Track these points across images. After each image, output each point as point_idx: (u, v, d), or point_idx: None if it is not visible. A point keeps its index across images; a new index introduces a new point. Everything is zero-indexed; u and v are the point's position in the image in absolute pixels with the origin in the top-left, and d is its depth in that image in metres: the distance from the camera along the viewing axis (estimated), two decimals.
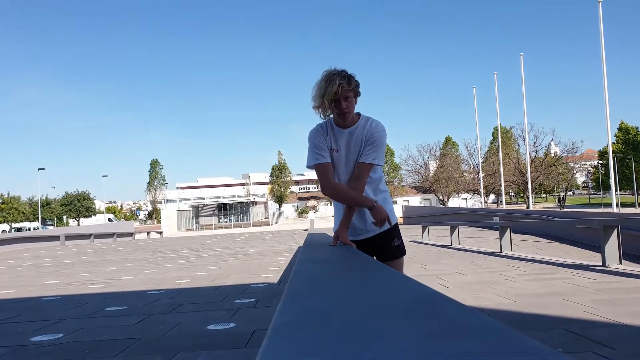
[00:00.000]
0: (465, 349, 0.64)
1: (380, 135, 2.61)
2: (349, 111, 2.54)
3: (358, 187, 2.61)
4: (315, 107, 2.58)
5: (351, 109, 2.55)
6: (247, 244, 16.51)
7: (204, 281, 7.05)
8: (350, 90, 2.50)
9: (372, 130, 2.61)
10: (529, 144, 41.38)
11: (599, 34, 22.37)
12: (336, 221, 2.86)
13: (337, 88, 2.44)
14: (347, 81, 2.47)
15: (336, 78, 2.46)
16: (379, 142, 2.61)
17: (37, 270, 10.53)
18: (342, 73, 2.50)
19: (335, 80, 2.45)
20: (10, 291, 7.05)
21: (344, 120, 2.59)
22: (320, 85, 2.51)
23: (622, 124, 71.48)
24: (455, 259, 8.51)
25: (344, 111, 2.52)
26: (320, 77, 2.54)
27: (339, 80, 2.45)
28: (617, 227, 6.61)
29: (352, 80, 2.51)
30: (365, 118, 2.68)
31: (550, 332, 3.24)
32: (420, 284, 1.20)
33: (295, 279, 1.52)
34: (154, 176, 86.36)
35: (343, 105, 2.50)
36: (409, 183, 69.02)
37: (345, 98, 2.50)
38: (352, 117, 2.62)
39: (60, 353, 3.36)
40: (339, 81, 2.45)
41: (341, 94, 2.47)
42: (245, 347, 3.27)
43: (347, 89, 2.48)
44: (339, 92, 2.46)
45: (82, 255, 14.84)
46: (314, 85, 2.57)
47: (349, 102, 2.52)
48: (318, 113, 2.62)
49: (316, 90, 2.54)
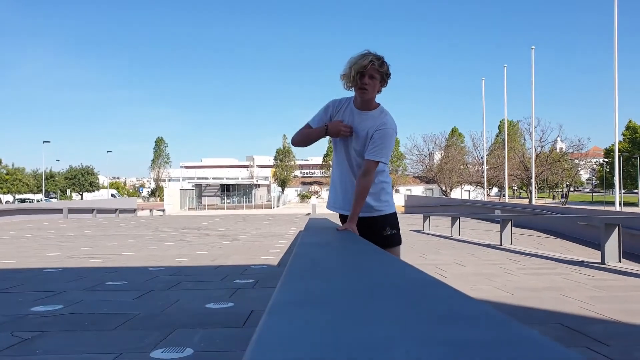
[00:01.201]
0: (463, 336, 0.64)
1: (387, 133, 2.64)
2: (369, 89, 2.60)
3: (367, 183, 2.64)
4: (342, 75, 2.65)
5: (372, 88, 2.60)
6: (248, 225, 16.56)
7: (205, 260, 7.10)
8: (378, 72, 2.57)
9: (381, 125, 2.65)
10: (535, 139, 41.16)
11: (613, 31, 22.07)
12: (331, 198, 2.97)
13: (367, 62, 2.53)
14: (380, 62, 2.56)
15: (370, 55, 2.57)
16: (385, 139, 2.63)
17: (39, 242, 10.61)
18: (378, 55, 2.59)
19: (368, 56, 2.55)
20: (12, 261, 7.12)
21: (361, 95, 2.64)
22: (353, 57, 2.60)
23: (630, 122, 70.92)
24: (455, 250, 8.52)
25: (364, 86, 2.58)
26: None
27: (372, 57, 2.55)
28: (619, 225, 6.61)
29: (384, 64, 2.59)
30: (382, 110, 2.73)
31: (546, 326, 3.26)
32: (419, 270, 1.20)
33: (295, 260, 1.52)
34: (159, 154, 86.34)
35: (366, 81, 2.57)
36: (412, 172, 68.78)
37: (370, 76, 2.57)
38: (371, 100, 2.69)
39: (59, 324, 3.40)
40: (372, 58, 2.54)
41: (368, 70, 2.55)
42: (242, 326, 3.31)
43: (376, 69, 2.56)
44: (368, 66, 2.54)
45: (84, 229, 14.94)
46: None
47: (373, 82, 2.59)
48: (343, 83, 2.69)
49: (348, 61, 2.62)
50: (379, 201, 2.79)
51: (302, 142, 2.86)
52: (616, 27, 21.97)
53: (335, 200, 2.92)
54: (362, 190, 2.63)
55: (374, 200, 2.77)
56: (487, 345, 0.60)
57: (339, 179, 2.88)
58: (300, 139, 2.86)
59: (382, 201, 2.80)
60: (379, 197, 2.79)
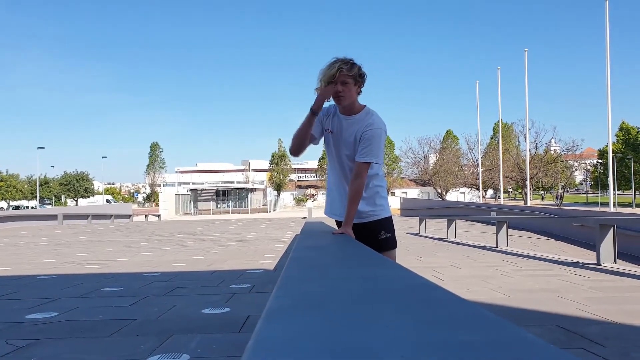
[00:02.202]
0: (459, 339, 0.64)
1: (374, 133, 2.59)
2: (344, 96, 2.55)
3: (359, 186, 2.61)
4: (316, 89, 2.60)
5: (347, 94, 2.55)
6: (244, 230, 16.53)
7: (201, 265, 7.08)
8: (349, 77, 2.51)
9: (367, 127, 2.60)
10: (529, 141, 41.33)
11: (605, 33, 22.21)
12: (327, 204, 2.95)
13: (335, 71, 2.47)
14: (348, 67, 2.50)
15: (337, 63, 2.50)
16: (373, 140, 2.58)
17: (34, 248, 10.55)
18: (345, 59, 2.53)
19: (335, 65, 2.49)
20: (7, 268, 7.07)
21: (339, 103, 2.61)
22: (322, 69, 2.55)
23: (623, 124, 71.35)
24: (451, 252, 8.53)
25: (338, 94, 2.54)
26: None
27: (339, 64, 2.48)
28: (613, 226, 6.63)
29: (354, 67, 2.53)
30: (367, 111, 2.68)
31: (542, 327, 3.27)
32: (415, 274, 1.20)
33: (292, 265, 1.52)
34: (154, 159, 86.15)
35: (338, 89, 2.52)
36: (408, 175, 68.97)
37: (343, 82, 2.51)
38: (353, 105, 2.64)
39: (54, 331, 3.38)
40: (339, 66, 2.48)
41: (338, 78, 2.49)
42: (239, 331, 3.30)
43: (346, 75, 2.50)
44: (337, 75, 2.48)
45: (79, 235, 14.86)
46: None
47: (347, 87, 2.53)
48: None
49: (318, 73, 2.57)
50: (374, 205, 2.78)
51: (297, 140, 2.67)
52: (607, 29, 22.13)
53: (332, 207, 2.91)
54: (355, 193, 2.61)
55: (369, 205, 2.76)
56: (482, 348, 0.61)
57: (334, 185, 2.87)
58: (293, 141, 2.69)
59: (377, 205, 2.79)
60: (374, 201, 2.78)
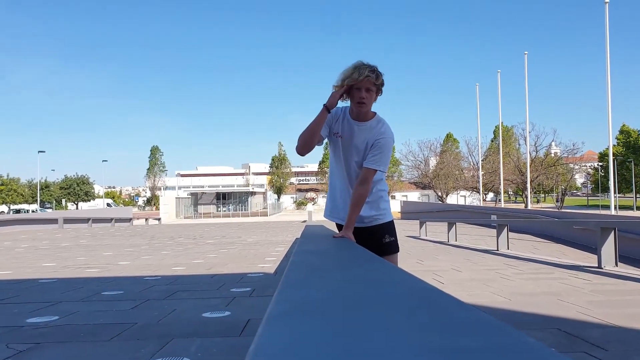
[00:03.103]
0: (460, 344, 0.64)
1: (386, 142, 2.63)
2: (366, 103, 2.57)
3: (365, 191, 2.63)
4: (335, 86, 2.60)
5: (369, 101, 2.58)
6: (244, 233, 16.52)
7: (201, 269, 7.07)
8: (374, 85, 2.54)
9: (380, 135, 2.63)
10: (529, 144, 41.36)
11: (605, 35, 22.24)
12: (327, 207, 2.95)
13: (363, 78, 2.49)
14: (375, 75, 2.52)
15: (366, 69, 2.51)
16: (384, 148, 2.63)
17: (35, 252, 10.55)
18: (372, 67, 2.55)
19: (364, 70, 2.50)
20: (7, 272, 7.07)
21: (359, 109, 2.61)
22: (347, 69, 2.55)
23: (623, 126, 71.40)
24: (451, 256, 8.52)
25: (362, 100, 2.55)
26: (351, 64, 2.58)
27: (368, 71, 2.50)
28: (614, 229, 6.62)
29: (379, 76, 2.55)
30: (378, 119, 2.70)
31: (544, 331, 3.25)
32: (417, 278, 1.20)
33: (292, 269, 1.52)
34: (154, 163, 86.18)
35: (363, 95, 2.54)
36: (408, 178, 68.96)
37: (367, 89, 2.54)
38: (367, 112, 2.66)
39: (55, 335, 3.37)
40: (368, 72, 2.50)
41: (365, 84, 2.52)
42: (239, 335, 3.29)
43: (372, 82, 2.53)
44: (364, 81, 2.50)
45: (80, 239, 14.86)
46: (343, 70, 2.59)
47: (369, 95, 2.56)
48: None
49: (342, 73, 2.57)
50: (377, 210, 2.79)
51: (306, 138, 2.60)
52: (607, 31, 22.16)
53: (334, 210, 2.90)
54: (359, 197, 2.62)
55: (373, 210, 2.77)
56: (484, 353, 0.60)
57: (339, 190, 2.86)
58: (302, 138, 2.61)
59: (381, 209, 2.81)
60: (378, 206, 2.79)
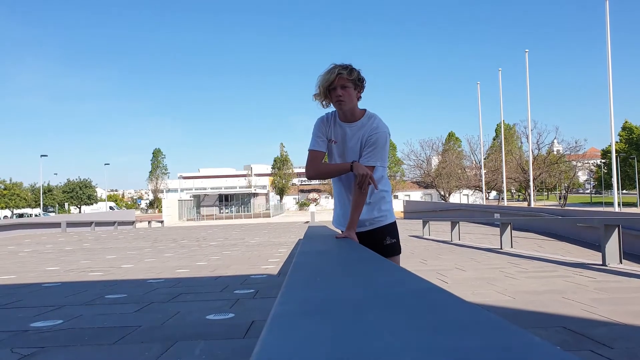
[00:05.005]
0: (465, 344, 0.63)
1: (379, 137, 2.59)
2: (345, 100, 2.54)
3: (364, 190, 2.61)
4: (315, 95, 2.61)
5: (348, 98, 2.54)
6: (247, 235, 16.53)
7: (204, 271, 7.07)
8: (349, 80, 2.51)
9: (372, 131, 2.60)
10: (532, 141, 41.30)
11: (605, 31, 22.21)
12: (336, 213, 2.93)
13: (334, 77, 2.48)
14: (347, 71, 2.50)
15: (337, 68, 2.50)
16: (378, 143, 2.59)
17: (38, 256, 10.57)
18: (345, 65, 2.53)
19: (335, 69, 2.49)
20: (11, 276, 7.08)
21: (339, 108, 2.59)
22: (320, 75, 2.55)
23: (626, 123, 71.26)
24: (455, 255, 8.51)
25: (340, 98, 2.53)
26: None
27: (338, 70, 2.49)
28: (618, 226, 6.60)
29: (353, 71, 2.53)
30: (369, 116, 2.66)
31: (549, 329, 3.24)
32: (420, 278, 1.19)
33: (295, 270, 1.51)
34: (156, 165, 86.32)
35: (339, 92, 2.51)
36: (410, 178, 68.88)
37: (342, 87, 2.51)
38: (354, 110, 2.62)
39: (59, 339, 3.37)
40: (338, 71, 2.49)
41: (338, 82, 2.50)
42: (244, 337, 3.28)
43: (346, 79, 2.50)
44: (336, 80, 2.49)
45: (83, 242, 14.88)
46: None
47: (346, 92, 2.52)
48: (318, 102, 2.65)
49: (317, 79, 2.57)
50: (379, 211, 2.77)
51: (319, 175, 2.71)
52: (608, 28, 22.11)
53: (339, 217, 2.90)
54: (360, 197, 2.61)
55: (375, 211, 2.75)
56: (489, 352, 0.60)
57: (339, 195, 2.86)
58: (317, 174, 2.70)
59: (382, 211, 2.78)
60: (380, 207, 2.77)
